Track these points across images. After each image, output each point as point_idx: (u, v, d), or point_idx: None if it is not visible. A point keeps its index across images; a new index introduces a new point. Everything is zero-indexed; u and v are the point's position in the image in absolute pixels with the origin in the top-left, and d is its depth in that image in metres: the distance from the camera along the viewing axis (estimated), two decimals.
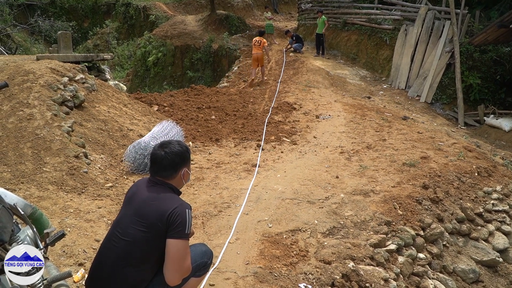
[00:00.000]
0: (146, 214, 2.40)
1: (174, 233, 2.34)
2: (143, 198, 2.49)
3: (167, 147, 2.55)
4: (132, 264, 2.35)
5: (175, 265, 2.34)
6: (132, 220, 2.42)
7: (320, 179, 5.74)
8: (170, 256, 2.34)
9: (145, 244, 2.36)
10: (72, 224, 4.08)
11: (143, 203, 2.46)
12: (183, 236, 2.36)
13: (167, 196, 2.48)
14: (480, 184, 6.06)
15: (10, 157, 5.13)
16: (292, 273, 3.56)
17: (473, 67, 12.47)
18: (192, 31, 20.77)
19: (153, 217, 2.37)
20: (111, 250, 2.40)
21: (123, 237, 2.39)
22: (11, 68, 7.20)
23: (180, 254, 2.35)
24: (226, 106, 10.29)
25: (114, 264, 2.35)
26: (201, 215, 4.58)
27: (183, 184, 2.67)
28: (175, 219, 2.34)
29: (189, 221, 2.40)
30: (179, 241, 2.35)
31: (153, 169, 2.57)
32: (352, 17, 16.96)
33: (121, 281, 2.34)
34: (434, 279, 4.35)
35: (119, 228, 2.44)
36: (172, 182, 2.58)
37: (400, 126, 8.77)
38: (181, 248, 2.36)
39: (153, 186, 2.54)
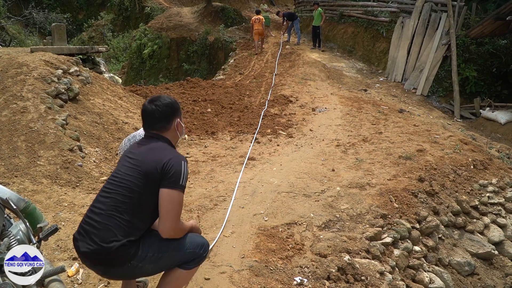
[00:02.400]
0: (143, 162, 2.39)
1: (168, 183, 2.33)
2: (139, 150, 2.50)
3: (157, 100, 2.55)
4: (127, 212, 2.31)
5: (167, 214, 2.31)
6: (128, 170, 2.41)
7: (316, 172, 5.73)
8: (162, 206, 2.31)
9: (141, 192, 2.34)
10: (66, 218, 4.05)
11: (139, 154, 2.46)
12: (177, 186, 2.33)
13: (163, 146, 2.50)
14: (475, 177, 6.07)
15: (4, 150, 5.09)
16: (288, 267, 3.55)
17: (469, 60, 12.47)
18: (188, 23, 20.63)
19: (149, 165, 2.36)
20: (107, 198, 2.36)
21: (120, 184, 2.37)
22: (5, 60, 7.13)
23: (173, 205, 2.32)
24: (222, 99, 10.25)
25: (110, 210, 2.31)
26: (196, 208, 4.56)
27: (178, 138, 2.68)
28: (169, 169, 2.34)
29: (184, 173, 2.38)
30: (173, 191, 2.32)
31: (146, 124, 2.58)
32: (349, 10, 16.91)
33: (115, 227, 2.27)
34: (429, 272, 4.35)
35: (115, 178, 2.43)
36: (167, 135, 2.58)
37: (396, 119, 8.76)
38: (175, 199, 2.33)
39: (149, 139, 2.55)
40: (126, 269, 2.32)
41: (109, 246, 2.22)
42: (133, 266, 2.32)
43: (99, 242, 2.23)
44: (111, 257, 2.25)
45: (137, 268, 2.34)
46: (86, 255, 2.29)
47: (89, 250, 2.25)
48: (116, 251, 2.23)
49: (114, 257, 2.25)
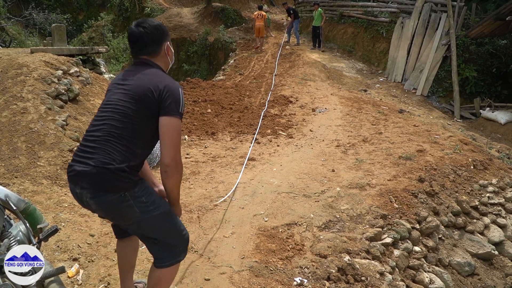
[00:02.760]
0: (136, 87, 2.32)
1: (167, 110, 2.28)
2: (131, 76, 2.39)
3: (144, 23, 2.44)
4: (124, 137, 2.25)
5: (169, 142, 2.26)
6: (121, 96, 2.33)
7: (316, 172, 5.73)
8: (164, 134, 2.27)
9: (136, 117, 2.28)
10: (66, 218, 4.05)
11: (132, 80, 2.37)
12: (176, 114, 2.29)
13: (157, 73, 2.41)
14: (475, 177, 6.07)
15: (4, 151, 5.09)
16: (288, 267, 3.55)
17: (469, 60, 12.47)
18: (188, 24, 20.64)
19: (143, 90, 2.29)
20: (102, 125, 2.29)
21: (113, 110, 2.30)
22: (5, 61, 7.13)
23: (174, 132, 2.28)
24: (222, 99, 10.24)
25: (106, 136, 2.25)
26: (196, 209, 4.56)
27: (169, 64, 2.59)
28: (167, 96, 2.29)
29: (182, 100, 2.34)
30: (173, 118, 2.28)
31: (135, 49, 2.47)
32: (349, 10, 16.93)
33: (113, 151, 2.22)
34: (429, 272, 4.35)
35: (107, 105, 2.35)
36: (158, 61, 2.49)
37: (396, 119, 8.76)
38: (174, 126, 2.28)
39: (139, 66, 2.44)
40: (116, 199, 2.21)
41: (107, 167, 2.17)
42: (123, 200, 2.22)
43: (97, 164, 2.18)
44: (107, 178, 2.18)
45: (126, 204, 2.23)
46: (80, 174, 2.20)
47: (85, 169, 2.19)
48: (113, 173, 2.18)
49: (109, 179, 2.18)
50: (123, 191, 2.21)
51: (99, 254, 3.55)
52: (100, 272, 3.30)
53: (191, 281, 3.23)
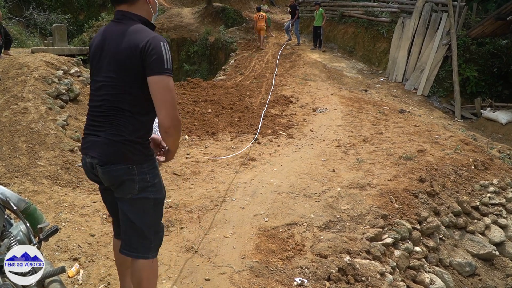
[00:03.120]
0: (118, 54, 2.18)
1: (152, 69, 2.11)
2: (111, 39, 2.25)
3: None
4: (126, 109, 2.21)
5: (162, 102, 2.13)
6: (107, 66, 2.23)
7: (316, 172, 5.73)
8: (155, 95, 2.13)
9: (130, 85, 2.19)
10: (67, 218, 4.05)
11: (112, 44, 2.22)
12: (164, 71, 2.11)
13: (137, 28, 2.21)
14: (476, 177, 6.06)
15: (5, 151, 5.09)
16: (288, 267, 3.55)
17: (470, 60, 12.46)
18: (189, 24, 20.64)
19: (125, 55, 2.15)
20: (101, 101, 2.26)
21: (107, 84, 2.23)
22: (6, 61, 7.15)
23: (165, 91, 2.12)
24: (222, 99, 10.24)
25: (109, 110, 2.22)
26: (197, 209, 4.56)
27: (151, 14, 2.39)
28: (149, 53, 2.10)
29: (167, 55, 2.14)
30: (161, 77, 2.11)
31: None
32: (349, 10, 16.91)
33: (122, 124, 2.21)
34: (430, 272, 4.35)
35: (98, 81, 2.29)
36: (138, 10, 2.29)
37: (397, 119, 8.76)
38: (165, 84, 2.12)
39: (119, 21, 2.27)
40: (123, 170, 2.23)
41: (118, 139, 2.20)
42: (130, 172, 2.24)
43: (107, 136, 2.20)
44: (118, 149, 2.21)
45: (131, 177, 2.25)
46: (92, 144, 2.26)
47: (96, 140, 2.24)
48: (124, 145, 2.20)
49: (120, 150, 2.22)
50: (132, 164, 2.24)
51: (99, 254, 3.55)
52: (100, 272, 3.30)
53: (191, 281, 3.23)
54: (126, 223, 2.39)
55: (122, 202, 2.36)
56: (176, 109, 2.17)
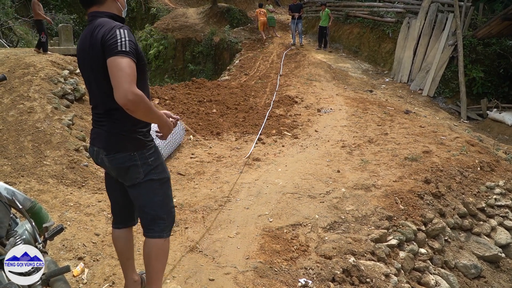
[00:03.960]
0: (91, 52, 2.28)
1: (108, 52, 2.15)
2: (84, 41, 2.35)
3: None
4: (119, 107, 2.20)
5: (115, 81, 2.11)
6: (88, 69, 2.37)
7: (321, 173, 5.72)
8: (110, 75, 2.14)
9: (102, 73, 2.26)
10: (72, 217, 4.07)
11: (86, 47, 2.33)
12: (117, 53, 2.12)
13: (102, 22, 2.28)
14: (482, 178, 6.03)
15: (11, 150, 5.12)
16: (293, 268, 3.54)
17: (476, 61, 12.39)
18: (194, 24, 20.65)
19: (96, 51, 2.24)
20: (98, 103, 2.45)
21: (97, 89, 2.39)
22: (12, 61, 7.18)
23: (117, 69, 2.10)
24: (227, 99, 10.25)
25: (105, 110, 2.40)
26: (201, 209, 4.57)
27: (121, 9, 2.48)
28: (106, 41, 2.16)
29: (122, 37, 2.16)
30: (114, 57, 2.12)
31: (82, 3, 2.42)
32: (355, 10, 16.87)
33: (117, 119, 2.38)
34: (435, 274, 4.33)
35: (89, 85, 2.45)
36: (108, 10, 2.39)
37: (402, 120, 8.73)
38: (116, 63, 2.11)
39: (91, 21, 2.36)
40: (126, 158, 2.41)
41: (117, 131, 2.40)
42: (132, 159, 2.42)
43: (109, 130, 2.41)
44: (118, 139, 2.41)
45: (134, 163, 2.43)
46: (97, 136, 2.48)
47: (101, 132, 2.46)
48: (123, 136, 2.40)
49: (120, 140, 2.41)
50: (133, 151, 2.42)
51: (104, 253, 3.56)
52: (105, 271, 3.31)
53: (195, 281, 3.23)
54: (140, 208, 2.59)
55: (133, 189, 2.54)
56: (130, 84, 2.10)
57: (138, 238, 3.67)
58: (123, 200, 2.75)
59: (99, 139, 2.47)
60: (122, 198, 2.74)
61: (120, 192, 2.70)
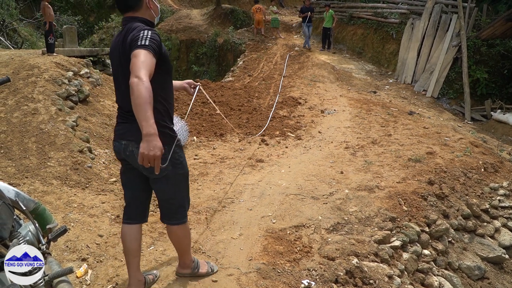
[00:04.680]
0: (124, 53, 2.48)
1: (130, 49, 2.38)
2: (117, 45, 2.57)
3: None
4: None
5: (132, 66, 2.29)
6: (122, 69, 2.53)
7: (324, 174, 5.71)
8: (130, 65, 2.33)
9: None
10: (75, 219, 4.08)
11: (119, 49, 2.54)
12: (137, 47, 2.33)
13: (135, 26, 2.52)
14: (486, 180, 6.01)
15: (15, 151, 5.14)
16: (296, 269, 3.54)
17: (480, 62, 12.35)
18: (197, 25, 20.69)
19: (126, 49, 2.45)
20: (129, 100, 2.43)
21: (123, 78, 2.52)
22: (16, 62, 7.22)
23: (134, 59, 2.31)
24: (230, 100, 10.26)
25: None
26: (204, 210, 4.57)
27: (154, 17, 2.71)
28: (133, 39, 2.40)
29: (143, 35, 2.38)
30: (136, 50, 2.33)
31: (119, 7, 2.65)
32: (358, 11, 16.85)
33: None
34: (439, 275, 4.32)
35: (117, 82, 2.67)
36: (141, 15, 2.63)
37: (406, 121, 8.71)
38: (135, 54, 2.32)
39: (124, 25, 2.60)
40: None
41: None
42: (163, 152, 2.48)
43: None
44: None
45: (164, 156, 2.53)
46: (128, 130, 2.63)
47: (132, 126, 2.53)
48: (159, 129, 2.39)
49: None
50: (164, 144, 2.48)
51: (107, 255, 3.57)
52: (108, 273, 3.32)
53: (198, 282, 3.23)
54: (165, 200, 2.82)
55: (159, 182, 2.73)
56: (141, 70, 2.25)
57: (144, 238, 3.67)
58: (142, 196, 2.92)
59: (131, 133, 2.58)
60: (141, 194, 2.91)
61: (141, 187, 2.87)
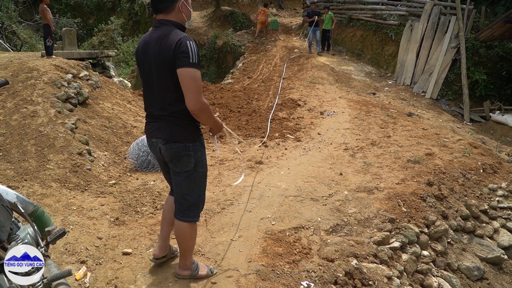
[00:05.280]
0: (159, 55, 2.64)
1: (180, 63, 2.55)
2: (151, 44, 2.71)
3: None
4: (175, 104, 2.72)
5: (188, 89, 2.58)
6: (152, 70, 2.71)
7: (323, 176, 5.72)
8: (183, 83, 2.58)
9: (171, 82, 2.64)
10: (74, 221, 4.08)
11: (153, 49, 2.68)
12: (189, 64, 2.55)
13: (170, 30, 2.66)
14: (485, 181, 6.01)
15: (14, 154, 5.15)
16: (295, 271, 3.54)
17: (479, 63, 12.38)
18: (197, 28, 20.73)
19: (164, 54, 2.60)
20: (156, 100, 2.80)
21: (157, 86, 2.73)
22: (15, 65, 7.23)
23: (191, 80, 2.56)
24: (230, 102, 10.27)
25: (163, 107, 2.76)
26: (204, 212, 4.57)
27: (185, 20, 2.83)
28: (178, 49, 2.55)
29: (192, 51, 2.56)
30: (187, 69, 2.55)
31: (153, 5, 2.77)
32: (357, 13, 16.89)
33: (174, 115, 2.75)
34: (438, 276, 4.32)
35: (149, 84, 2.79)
36: (173, 18, 2.74)
37: (405, 122, 8.72)
38: (191, 75, 2.56)
39: (158, 28, 2.73)
40: (182, 147, 2.77)
41: (176, 124, 2.76)
42: (187, 149, 2.78)
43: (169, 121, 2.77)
44: (177, 131, 2.77)
45: (188, 153, 2.78)
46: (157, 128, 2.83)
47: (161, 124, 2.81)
48: (181, 127, 2.76)
49: (179, 131, 2.76)
50: (188, 142, 2.79)
51: (106, 257, 3.57)
52: (107, 275, 3.32)
53: (197, 284, 3.23)
54: (181, 195, 2.94)
55: (180, 176, 2.88)
56: (200, 95, 2.61)
57: None
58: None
59: (159, 131, 2.81)
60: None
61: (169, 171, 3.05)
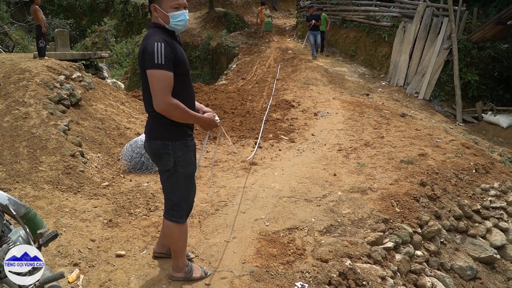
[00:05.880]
0: (139, 56, 2.76)
1: (146, 64, 2.63)
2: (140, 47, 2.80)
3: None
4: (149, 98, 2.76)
5: (153, 91, 2.64)
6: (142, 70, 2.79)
7: (317, 177, 5.73)
8: (150, 85, 2.66)
9: (146, 79, 2.71)
10: (67, 223, 4.06)
11: (140, 55, 2.77)
12: (153, 65, 2.59)
13: (148, 34, 2.76)
14: (477, 181, 6.05)
15: (5, 156, 5.11)
16: (289, 272, 3.54)
17: (471, 64, 12.46)
18: (191, 29, 20.69)
19: (140, 57, 2.73)
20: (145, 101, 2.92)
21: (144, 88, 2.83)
22: (7, 66, 7.18)
23: (152, 82, 2.62)
24: (224, 104, 10.26)
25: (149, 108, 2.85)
26: (197, 213, 4.56)
27: (160, 21, 2.80)
28: (146, 51, 2.62)
29: (159, 51, 2.59)
30: (151, 70, 2.60)
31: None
32: (351, 14, 16.94)
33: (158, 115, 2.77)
34: (431, 276, 4.33)
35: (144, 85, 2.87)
36: (154, 19, 2.82)
37: (398, 123, 8.75)
38: (154, 76, 2.60)
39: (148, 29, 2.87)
40: (160, 145, 2.82)
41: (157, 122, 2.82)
42: (166, 147, 2.81)
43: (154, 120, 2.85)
44: (156, 128, 2.84)
45: (167, 152, 2.82)
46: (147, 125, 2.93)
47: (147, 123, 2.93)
48: (161, 125, 2.80)
49: (158, 129, 2.83)
50: (168, 140, 2.82)
51: (99, 259, 3.55)
52: (100, 277, 3.30)
53: (191, 286, 3.22)
54: (164, 193, 3.01)
55: (162, 174, 2.95)
56: (164, 95, 2.63)
57: None
58: None
59: (145, 128, 2.94)
60: None
61: None
